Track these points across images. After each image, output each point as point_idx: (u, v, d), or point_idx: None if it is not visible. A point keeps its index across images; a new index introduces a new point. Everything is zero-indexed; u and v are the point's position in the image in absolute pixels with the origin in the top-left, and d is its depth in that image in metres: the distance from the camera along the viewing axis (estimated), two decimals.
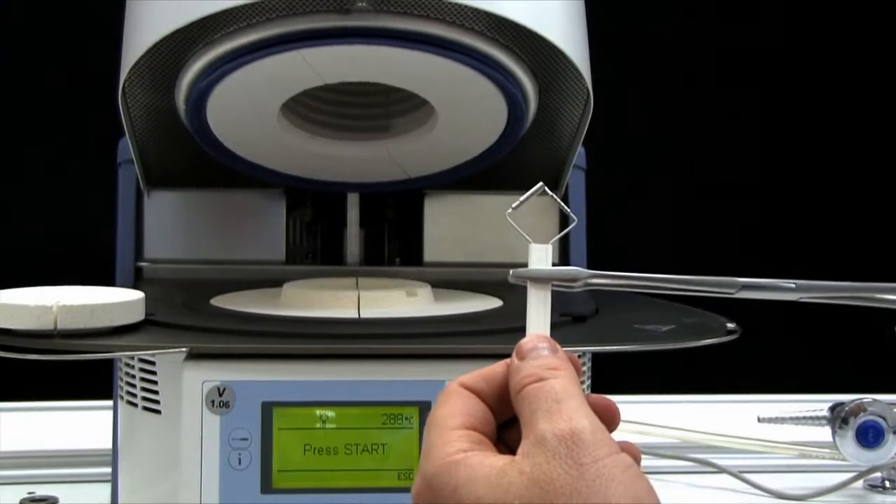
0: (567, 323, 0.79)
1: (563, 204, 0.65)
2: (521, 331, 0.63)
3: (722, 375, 1.37)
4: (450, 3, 0.80)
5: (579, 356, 0.80)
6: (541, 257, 0.63)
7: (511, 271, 0.62)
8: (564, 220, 1.08)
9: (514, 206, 0.64)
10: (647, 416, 1.11)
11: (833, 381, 1.17)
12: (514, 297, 0.93)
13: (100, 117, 1.11)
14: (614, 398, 0.61)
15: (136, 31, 0.85)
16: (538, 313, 0.62)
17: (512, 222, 0.64)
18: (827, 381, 1.22)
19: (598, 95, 0.91)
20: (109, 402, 0.93)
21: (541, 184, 0.62)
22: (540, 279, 0.61)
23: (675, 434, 1.07)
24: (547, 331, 0.60)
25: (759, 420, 0.98)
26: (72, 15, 1.46)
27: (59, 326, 0.70)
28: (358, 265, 1.08)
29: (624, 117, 1.54)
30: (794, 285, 0.55)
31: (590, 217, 1.06)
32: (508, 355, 0.69)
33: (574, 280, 0.62)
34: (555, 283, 0.62)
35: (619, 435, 1.03)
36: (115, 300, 0.73)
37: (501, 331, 0.76)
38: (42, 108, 1.47)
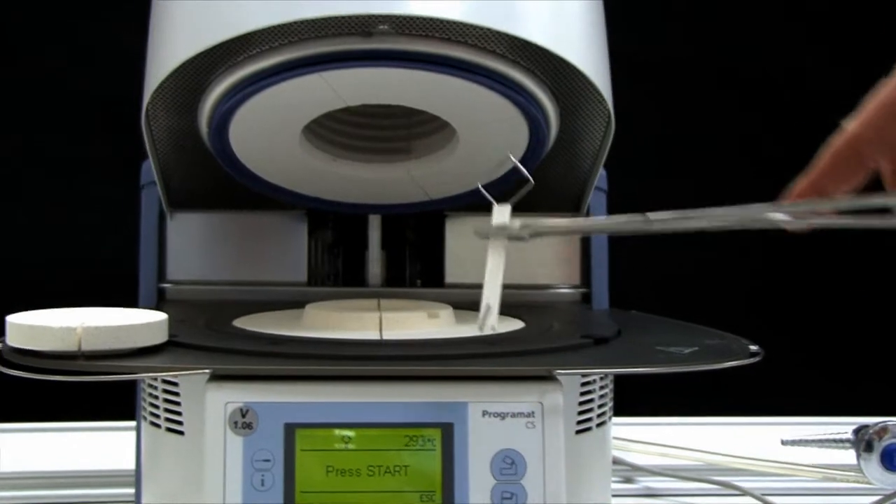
0: (588, 345, 0.79)
1: (521, 167, 0.83)
2: (545, 352, 0.65)
3: (745, 397, 1.37)
4: (471, 25, 0.80)
5: (601, 378, 0.80)
6: (502, 215, 0.79)
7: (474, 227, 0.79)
8: (586, 242, 1.08)
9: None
10: (669, 438, 1.11)
11: (857, 404, 1.17)
12: (536, 319, 0.93)
13: (122, 139, 1.11)
14: (636, 420, 0.62)
15: (160, 54, 0.85)
16: (496, 262, 0.79)
17: (481, 189, 0.82)
18: (851, 403, 1.22)
19: (620, 117, 0.91)
20: (132, 423, 0.93)
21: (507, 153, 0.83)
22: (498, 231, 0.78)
23: (697, 456, 1.07)
24: (500, 274, 0.78)
25: (782, 443, 0.98)
26: (94, 38, 1.46)
27: (84, 348, 0.70)
28: (379, 286, 1.09)
29: (646, 139, 1.54)
30: (700, 214, 0.67)
31: (612, 238, 1.06)
32: (531, 377, 0.70)
33: (523, 229, 0.77)
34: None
35: (642, 458, 1.03)
36: (139, 322, 0.73)
37: (523, 353, 0.76)
38: (64, 130, 1.47)
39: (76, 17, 1.46)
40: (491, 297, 0.80)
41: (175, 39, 0.83)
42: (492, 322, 0.79)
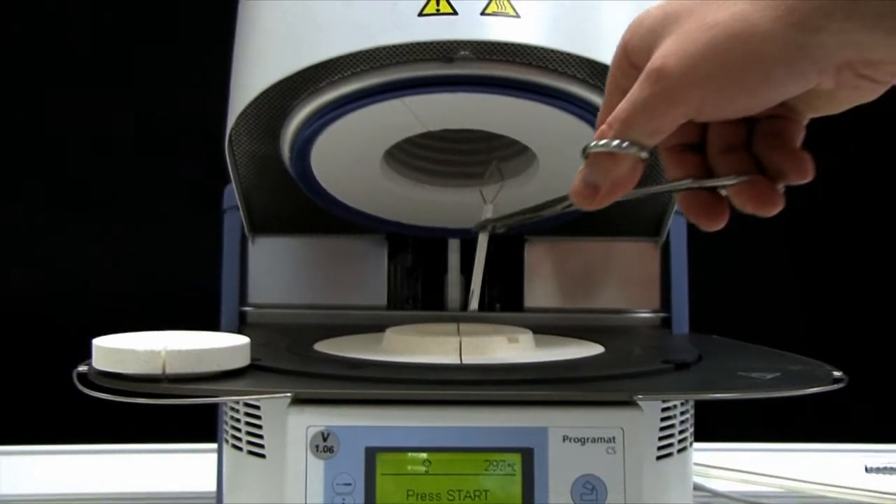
0: (669, 370, 0.78)
1: (499, 169, 0.90)
2: (626, 378, 0.65)
3: (829, 423, 1.35)
4: (551, 50, 0.80)
5: (682, 403, 0.80)
6: (487, 212, 0.88)
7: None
8: (665, 266, 1.07)
9: (482, 184, 0.90)
10: (752, 464, 1.09)
11: None
12: (616, 344, 0.92)
13: (206, 164, 1.13)
14: (717, 446, 0.61)
15: (244, 80, 0.86)
16: (481, 252, 0.86)
17: (483, 196, 0.89)
18: None
19: None
20: (214, 445, 0.94)
21: (494, 162, 0.91)
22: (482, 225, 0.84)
23: (779, 483, 1.06)
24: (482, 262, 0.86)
25: (866, 470, 0.97)
26: (178, 64, 1.48)
27: (168, 371, 0.71)
28: (458, 311, 1.09)
29: None
30: None
31: (692, 264, 1.06)
32: (611, 403, 0.69)
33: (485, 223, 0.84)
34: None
35: (723, 484, 1.02)
36: (222, 345, 0.74)
37: (604, 377, 0.75)
38: (149, 154, 1.49)
39: (161, 43, 1.48)
40: (475, 282, 0.86)
41: (259, 66, 0.84)
42: (474, 304, 0.85)
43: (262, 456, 0.76)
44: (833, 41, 0.50)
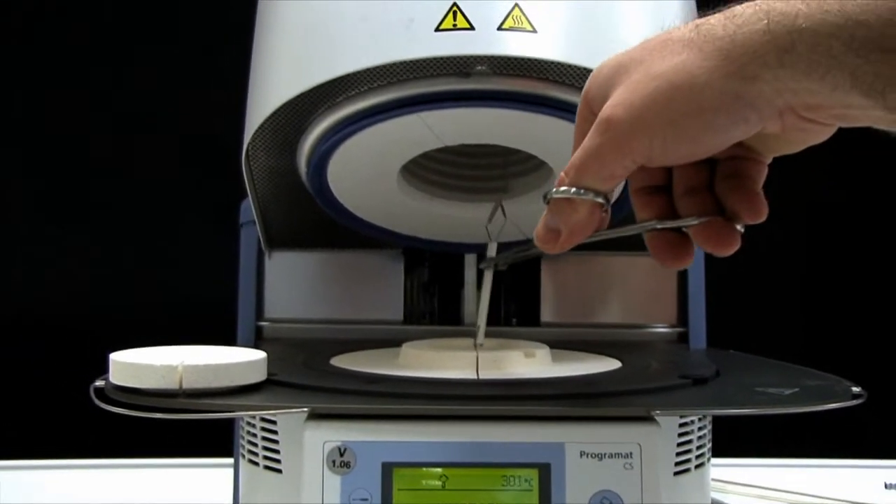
0: (686, 385, 0.78)
1: (502, 207, 0.92)
2: (643, 393, 0.65)
3: (847, 439, 1.34)
4: (568, 65, 0.80)
5: (699, 419, 0.80)
6: (491, 250, 0.91)
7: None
8: (682, 280, 1.07)
9: (487, 223, 0.91)
10: (769, 480, 1.09)
11: None
12: (633, 359, 0.92)
13: (221, 178, 1.13)
14: (735, 461, 0.62)
15: (261, 94, 0.86)
16: (486, 289, 0.90)
17: (488, 234, 0.91)
18: None
19: None
20: (230, 460, 0.94)
21: (498, 199, 0.93)
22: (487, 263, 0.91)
23: (797, 499, 1.05)
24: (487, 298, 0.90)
25: (885, 486, 0.96)
26: (192, 79, 1.49)
27: (184, 386, 0.71)
28: (475, 325, 1.09)
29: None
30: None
31: (709, 278, 1.06)
32: (630, 418, 0.69)
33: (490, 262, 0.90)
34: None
35: (741, 500, 1.02)
36: (238, 360, 0.74)
37: (621, 393, 0.75)
38: (164, 169, 1.50)
39: (177, 55, 1.49)
40: (480, 317, 0.91)
41: (276, 80, 0.84)
42: (480, 339, 0.90)
43: (279, 471, 0.77)
44: (770, 88, 0.52)
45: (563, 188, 0.61)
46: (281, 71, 0.84)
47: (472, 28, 0.77)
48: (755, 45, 0.51)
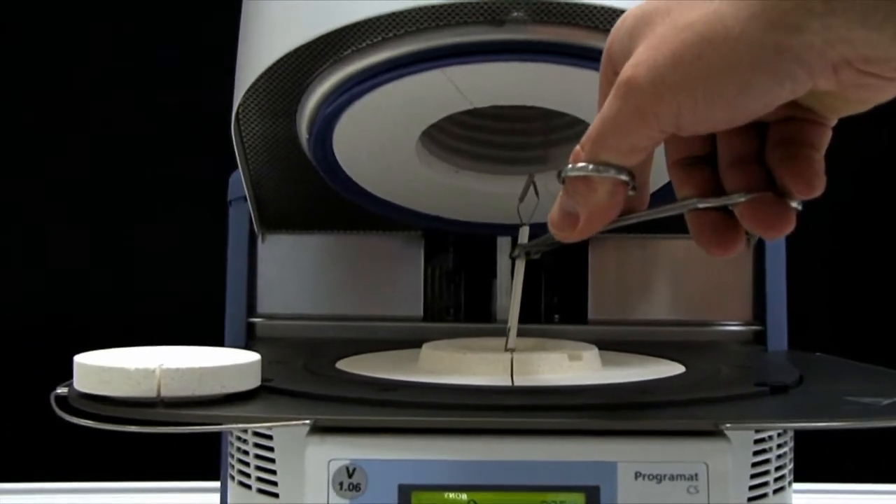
0: (764, 394, 0.78)
1: (534, 184, 0.90)
2: (711, 403, 0.65)
3: None
4: (619, 10, 0.79)
5: (778, 434, 0.80)
6: (523, 235, 0.91)
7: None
8: (760, 269, 1.07)
9: (519, 201, 0.90)
10: None
11: None
12: (699, 362, 0.93)
13: (206, 148, 1.13)
14: (820, 486, 0.62)
15: (253, 49, 0.87)
16: (517, 281, 0.89)
17: (519, 216, 0.90)
18: None
19: None
20: (216, 483, 0.95)
21: (531, 174, 0.92)
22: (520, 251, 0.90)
23: None
24: (519, 293, 0.89)
25: None
26: (170, 28, 1.49)
27: (163, 393, 0.71)
28: (517, 320, 1.09)
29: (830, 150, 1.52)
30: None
31: (792, 266, 1.06)
32: (695, 433, 0.69)
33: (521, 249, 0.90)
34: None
35: None
36: (227, 363, 0.74)
37: (684, 403, 0.75)
38: (139, 141, 1.50)
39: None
40: (511, 317, 0.89)
41: (271, 32, 0.85)
42: (512, 343, 0.88)
43: (275, 495, 0.77)
44: (819, 39, 0.51)
45: (579, 165, 0.61)
46: (278, 19, 0.85)
47: None
48: None
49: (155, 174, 1.48)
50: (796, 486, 0.85)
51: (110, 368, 0.72)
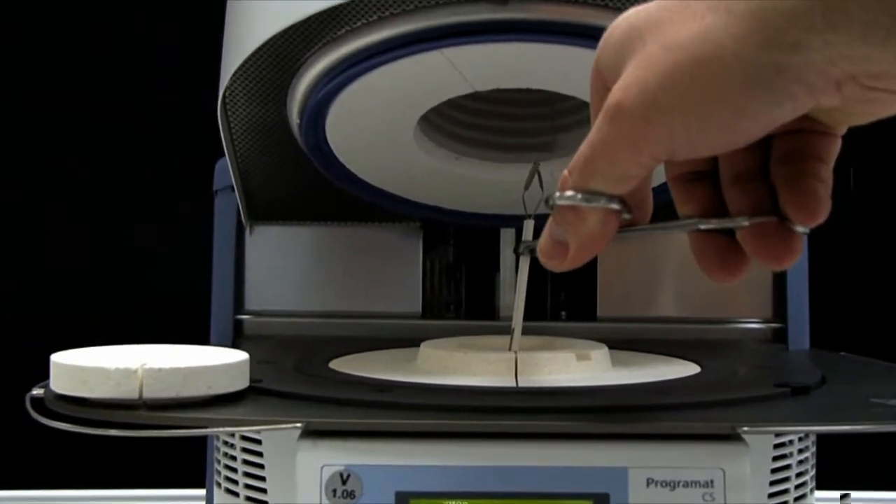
0: (784, 396, 0.78)
1: (539, 173, 0.89)
2: (727, 405, 0.65)
3: None
4: None
5: (799, 439, 0.80)
6: (528, 230, 0.90)
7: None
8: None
9: (524, 191, 0.89)
10: None
11: None
12: (716, 362, 0.93)
13: (191, 135, 1.13)
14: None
15: (242, 28, 0.87)
16: (521, 280, 0.89)
17: (525, 206, 0.89)
18: None
19: None
20: (201, 491, 0.95)
21: (535, 161, 0.91)
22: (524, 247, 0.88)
23: None
24: (524, 292, 0.89)
25: None
26: (161, 15, 1.49)
27: (145, 395, 0.71)
28: (521, 318, 1.09)
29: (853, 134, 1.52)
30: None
31: (814, 261, 1.06)
32: (710, 436, 0.69)
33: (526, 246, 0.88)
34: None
35: None
36: (213, 363, 0.74)
37: (699, 405, 0.75)
38: (116, 124, 1.50)
39: None
40: (515, 318, 0.89)
41: (260, 10, 0.84)
42: (516, 346, 0.88)
43: (265, 503, 0.77)
44: (821, 57, 0.50)
45: (567, 194, 0.60)
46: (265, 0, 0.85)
47: None
48: (796, 4, 0.49)
49: (135, 162, 1.48)
50: (818, 494, 0.85)
51: (89, 368, 0.72)
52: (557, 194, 0.60)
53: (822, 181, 0.59)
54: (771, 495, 0.77)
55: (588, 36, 0.81)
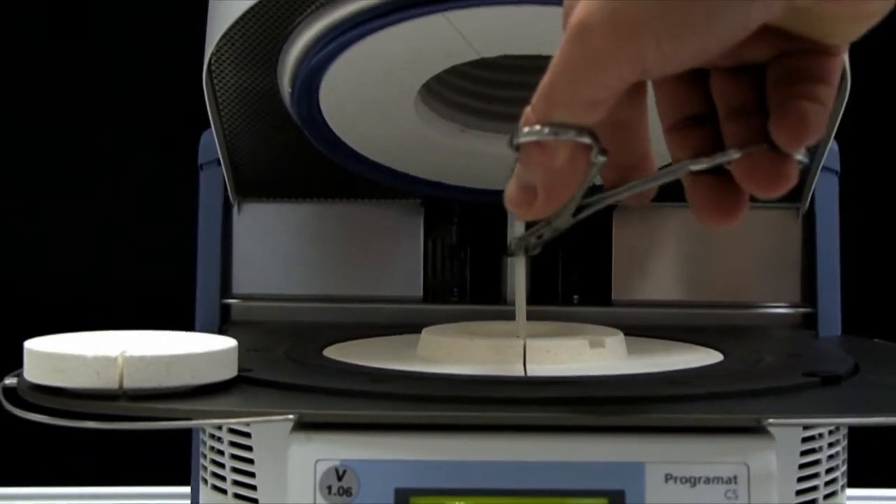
0: (814, 386, 0.79)
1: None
2: (752, 395, 0.66)
3: None
4: None
5: (830, 432, 0.80)
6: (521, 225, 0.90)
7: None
8: (810, 243, 1.08)
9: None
10: None
11: None
12: (740, 349, 0.93)
13: (173, 109, 1.13)
14: (877, 493, 0.62)
15: None
16: (520, 273, 0.90)
17: None
18: None
19: (858, 74, 0.90)
20: (186, 489, 0.95)
21: None
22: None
23: None
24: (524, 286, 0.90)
25: None
26: None
27: (126, 385, 0.71)
28: (524, 305, 1.09)
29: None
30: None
31: (846, 241, 1.06)
32: (734, 429, 0.70)
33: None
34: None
35: None
36: (199, 350, 0.74)
37: (721, 395, 0.75)
38: (92, 93, 1.49)
39: None
40: (519, 318, 0.90)
41: None
42: (523, 330, 0.89)
43: (254, 500, 0.78)
44: None
45: (533, 129, 0.59)
46: None
47: None
48: None
49: (113, 134, 1.48)
50: (850, 491, 0.85)
51: (65, 356, 0.72)
52: (524, 130, 0.59)
53: (816, 101, 0.59)
54: (799, 492, 0.77)
55: None
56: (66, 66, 1.48)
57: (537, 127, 0.59)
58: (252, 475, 0.77)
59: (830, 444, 0.80)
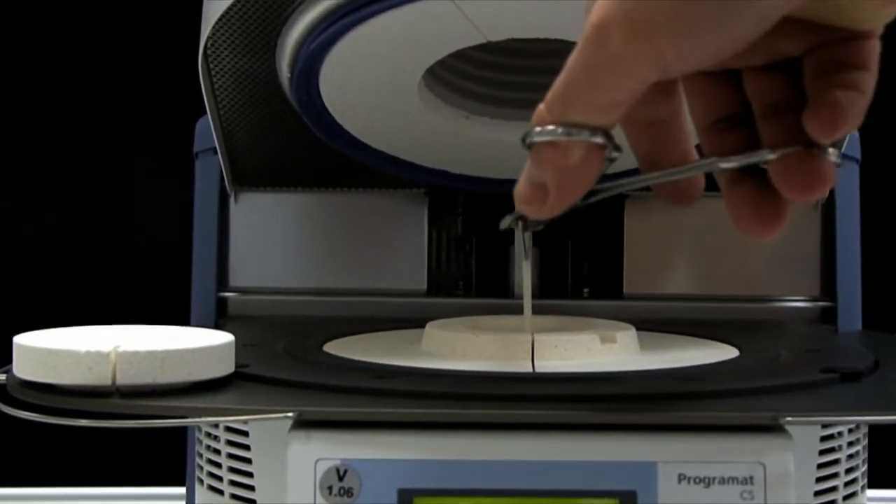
0: (833, 382, 0.79)
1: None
2: (768, 392, 0.66)
3: None
4: None
5: (849, 430, 0.80)
6: None
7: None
8: (829, 236, 1.08)
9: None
10: None
11: None
12: (756, 344, 0.93)
13: (168, 95, 1.13)
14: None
15: None
16: (526, 260, 0.89)
17: None
18: None
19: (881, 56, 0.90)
20: (182, 489, 0.96)
21: None
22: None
23: None
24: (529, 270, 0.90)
25: None
26: None
27: (119, 381, 0.71)
28: (530, 297, 1.09)
29: None
30: None
31: (867, 233, 1.06)
32: (749, 428, 0.70)
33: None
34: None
35: None
36: (195, 345, 0.74)
37: (736, 392, 0.75)
38: (85, 78, 1.49)
39: None
40: (526, 303, 0.91)
41: None
42: (528, 327, 0.89)
43: (252, 501, 0.78)
44: None
45: (546, 128, 0.60)
46: None
47: None
48: None
49: (106, 121, 1.48)
50: (870, 493, 0.85)
51: (57, 351, 0.72)
52: (537, 129, 0.60)
53: (853, 89, 0.59)
54: (817, 493, 0.77)
55: None
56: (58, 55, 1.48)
57: (550, 127, 0.59)
58: (250, 475, 0.78)
59: (850, 444, 0.80)
